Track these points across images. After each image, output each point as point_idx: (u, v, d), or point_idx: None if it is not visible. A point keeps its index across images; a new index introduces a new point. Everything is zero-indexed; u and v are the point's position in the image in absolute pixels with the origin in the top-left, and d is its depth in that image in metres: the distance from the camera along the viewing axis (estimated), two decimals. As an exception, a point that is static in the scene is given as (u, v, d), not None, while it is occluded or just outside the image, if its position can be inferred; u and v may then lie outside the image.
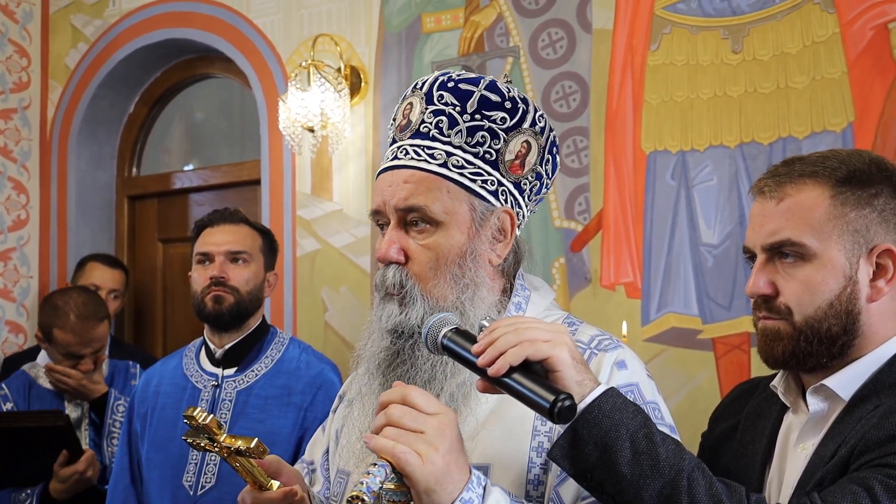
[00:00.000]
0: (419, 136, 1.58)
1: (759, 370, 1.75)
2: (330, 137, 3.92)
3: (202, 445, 1.57)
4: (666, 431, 1.37)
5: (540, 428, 1.49)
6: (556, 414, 1.27)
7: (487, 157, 1.56)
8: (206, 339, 2.84)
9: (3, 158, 4.83)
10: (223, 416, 2.70)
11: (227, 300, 2.75)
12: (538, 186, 1.64)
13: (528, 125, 1.58)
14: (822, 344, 1.51)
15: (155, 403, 2.80)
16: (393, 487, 1.32)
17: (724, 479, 1.35)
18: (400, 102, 1.65)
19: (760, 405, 1.68)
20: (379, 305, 1.58)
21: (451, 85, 1.58)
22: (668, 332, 3.32)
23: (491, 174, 1.57)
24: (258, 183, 4.38)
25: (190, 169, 4.90)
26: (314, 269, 4.12)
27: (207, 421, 1.53)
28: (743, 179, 3.20)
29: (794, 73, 3.15)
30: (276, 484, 1.59)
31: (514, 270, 1.64)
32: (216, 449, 1.55)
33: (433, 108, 1.57)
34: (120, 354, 3.67)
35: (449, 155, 1.55)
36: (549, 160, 1.63)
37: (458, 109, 1.56)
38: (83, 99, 4.86)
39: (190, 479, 2.66)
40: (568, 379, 1.32)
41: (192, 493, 2.64)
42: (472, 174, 1.56)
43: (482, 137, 1.56)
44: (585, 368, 1.36)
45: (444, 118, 1.56)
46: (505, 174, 1.58)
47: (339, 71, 3.97)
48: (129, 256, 4.92)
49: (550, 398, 1.28)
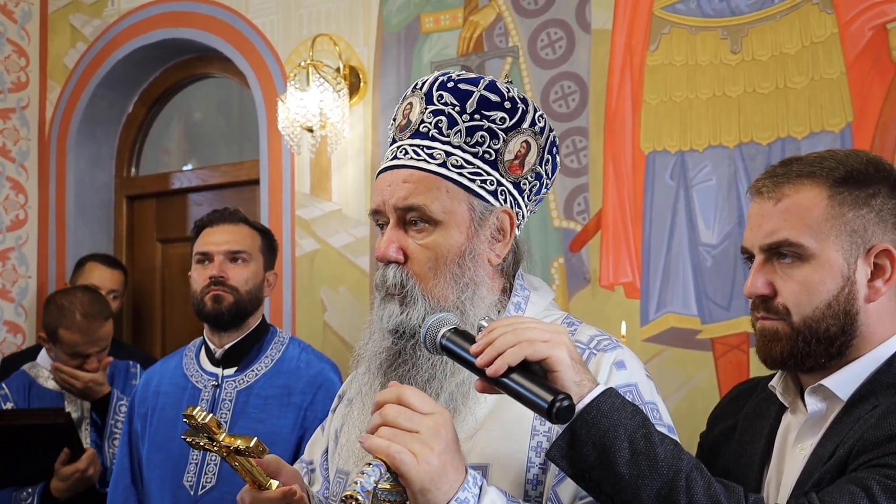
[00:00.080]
0: (419, 135, 1.58)
1: (757, 370, 1.75)
2: (329, 137, 3.92)
3: (201, 445, 1.57)
4: (664, 432, 1.37)
5: (539, 428, 1.49)
6: (554, 414, 1.27)
7: (487, 156, 1.57)
8: (205, 338, 2.84)
9: (1, 158, 4.83)
10: (223, 416, 2.70)
11: (226, 300, 2.75)
12: (538, 187, 1.64)
13: (527, 125, 1.58)
14: (820, 344, 1.51)
15: (155, 403, 2.80)
16: (389, 487, 1.32)
17: (722, 479, 1.35)
18: (400, 102, 1.65)
19: (759, 405, 1.68)
20: (380, 305, 1.58)
21: (450, 85, 1.58)
22: (666, 332, 3.32)
23: (490, 174, 1.57)
24: (257, 183, 4.38)
25: (189, 169, 4.89)
26: (313, 269, 4.12)
27: (207, 420, 1.53)
28: (742, 179, 3.20)
29: (792, 73, 3.15)
30: (275, 483, 1.59)
31: (513, 270, 1.64)
32: (215, 448, 1.55)
33: (433, 108, 1.58)
34: (118, 354, 3.65)
35: (448, 155, 1.56)
36: (548, 160, 1.63)
37: (457, 109, 1.56)
38: (82, 99, 4.85)
39: (190, 479, 2.66)
40: (566, 379, 1.32)
41: (192, 493, 2.64)
42: (471, 174, 1.56)
43: (481, 137, 1.56)
44: (584, 369, 1.36)
45: (443, 118, 1.56)
46: (504, 174, 1.58)
47: (337, 71, 3.97)
48: (127, 256, 4.91)
49: (549, 398, 1.28)
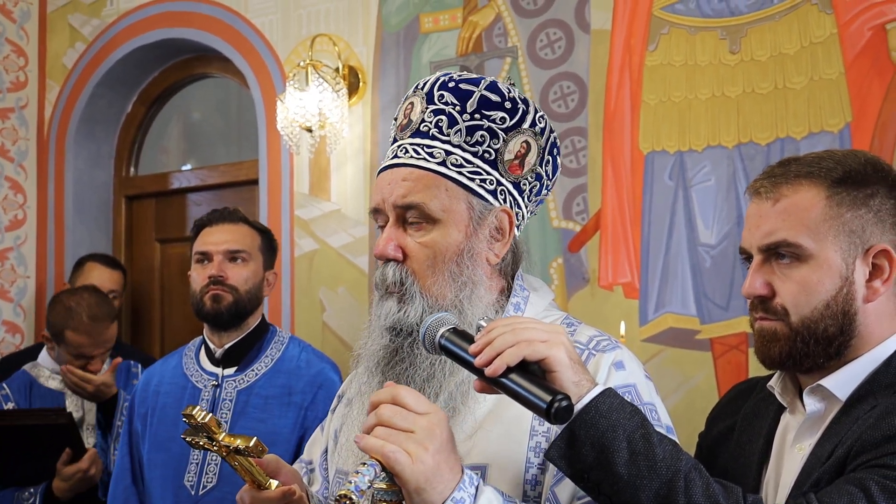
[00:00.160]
0: (419, 135, 1.58)
1: (756, 370, 1.75)
2: (328, 137, 3.92)
3: (201, 444, 1.57)
4: (663, 432, 1.37)
5: (538, 428, 1.49)
6: (552, 414, 1.27)
7: (486, 156, 1.57)
8: (205, 338, 2.84)
9: (0, 158, 4.83)
10: (224, 415, 2.70)
11: (225, 299, 2.75)
12: (538, 187, 1.64)
13: (527, 125, 1.58)
14: (818, 345, 1.51)
15: (155, 403, 2.80)
16: (384, 487, 1.32)
17: (721, 479, 1.35)
18: (402, 102, 1.66)
19: (758, 405, 1.69)
20: (378, 303, 1.58)
21: (451, 85, 1.59)
22: (665, 332, 3.32)
23: (490, 173, 1.57)
24: (256, 183, 4.38)
25: (188, 169, 4.89)
26: (312, 269, 4.11)
27: (206, 420, 1.53)
28: (741, 180, 3.21)
29: (791, 73, 3.15)
30: (274, 483, 1.59)
31: (512, 271, 1.64)
32: (215, 448, 1.55)
33: (433, 107, 1.58)
34: (117, 354, 3.66)
35: (448, 153, 1.56)
36: (549, 161, 1.63)
37: (457, 109, 1.57)
38: (80, 98, 4.85)
39: (191, 478, 2.66)
40: (565, 379, 1.32)
41: (193, 493, 2.64)
42: (470, 173, 1.56)
43: (481, 137, 1.56)
44: (583, 369, 1.36)
45: (443, 117, 1.57)
46: (504, 174, 1.58)
47: (337, 71, 3.97)
48: (126, 256, 4.91)
49: (547, 398, 1.28)
